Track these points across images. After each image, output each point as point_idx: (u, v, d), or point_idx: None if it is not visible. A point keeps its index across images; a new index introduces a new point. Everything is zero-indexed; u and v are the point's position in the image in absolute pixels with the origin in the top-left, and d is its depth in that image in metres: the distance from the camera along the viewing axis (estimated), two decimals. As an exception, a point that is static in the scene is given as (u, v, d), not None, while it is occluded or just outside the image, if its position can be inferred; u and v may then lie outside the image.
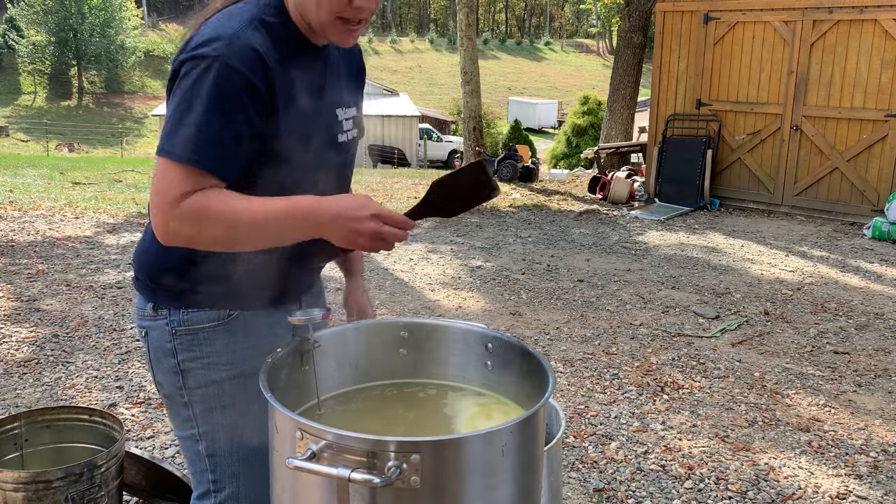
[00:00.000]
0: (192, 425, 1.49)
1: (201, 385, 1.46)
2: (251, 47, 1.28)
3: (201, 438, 1.49)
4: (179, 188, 1.25)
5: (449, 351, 1.55)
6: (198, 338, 1.44)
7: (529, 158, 13.94)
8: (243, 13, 1.34)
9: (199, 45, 1.28)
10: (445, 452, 1.10)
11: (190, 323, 1.44)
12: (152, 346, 1.47)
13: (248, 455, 1.50)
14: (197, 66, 1.26)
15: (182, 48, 1.32)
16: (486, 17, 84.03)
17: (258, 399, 1.43)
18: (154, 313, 1.46)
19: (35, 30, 45.22)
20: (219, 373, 1.45)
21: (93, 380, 3.69)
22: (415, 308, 4.99)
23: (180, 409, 1.49)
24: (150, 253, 1.47)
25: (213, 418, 1.47)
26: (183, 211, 1.25)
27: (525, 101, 45.00)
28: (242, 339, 1.46)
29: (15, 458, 2.29)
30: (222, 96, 1.25)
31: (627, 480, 2.91)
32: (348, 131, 1.54)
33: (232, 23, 1.31)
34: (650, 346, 4.37)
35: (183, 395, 1.47)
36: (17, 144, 34.90)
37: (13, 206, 8.07)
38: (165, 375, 1.48)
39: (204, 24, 1.36)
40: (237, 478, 1.51)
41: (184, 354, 1.45)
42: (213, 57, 1.25)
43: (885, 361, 4.21)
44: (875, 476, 2.98)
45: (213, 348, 1.45)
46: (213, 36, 1.28)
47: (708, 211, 8.96)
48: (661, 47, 9.38)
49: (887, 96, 7.89)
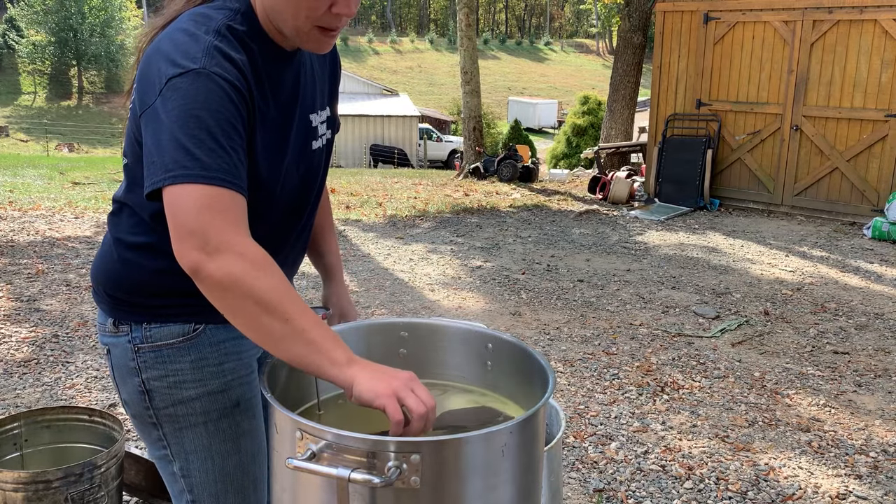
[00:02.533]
0: (163, 445, 1.41)
1: (168, 405, 1.37)
2: (229, 55, 1.19)
3: (174, 458, 1.41)
4: (219, 216, 1.11)
5: (449, 351, 1.55)
6: (161, 355, 1.35)
7: (529, 158, 13.92)
8: (208, 22, 1.23)
9: (176, 64, 1.15)
10: (445, 452, 1.10)
11: (153, 340, 1.35)
12: (116, 364, 1.39)
13: (225, 474, 1.43)
14: (181, 83, 1.14)
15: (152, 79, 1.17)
16: (486, 17, 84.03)
17: (231, 415, 1.40)
18: (115, 329, 1.37)
19: (35, 30, 45.22)
20: (186, 391, 1.36)
21: (93, 380, 3.69)
22: (415, 308, 4.99)
23: (150, 429, 1.41)
24: (109, 264, 1.38)
25: (184, 438, 1.39)
26: (237, 246, 1.12)
27: (525, 101, 45.01)
28: (209, 355, 1.37)
29: (15, 458, 2.29)
30: (217, 106, 1.15)
31: (627, 480, 2.91)
32: (322, 135, 1.47)
33: (199, 33, 1.20)
34: (650, 346, 4.37)
35: (151, 416, 1.39)
36: (17, 144, 34.90)
37: (13, 206, 8.07)
38: (131, 395, 1.39)
39: (161, 39, 1.22)
40: (216, 497, 1.43)
41: (148, 373, 1.36)
42: (197, 70, 1.14)
43: (885, 361, 4.21)
44: (875, 476, 2.98)
45: (178, 366, 1.36)
46: (186, 51, 1.17)
47: (708, 211, 8.96)
48: (661, 47, 9.38)
49: (887, 96, 7.89)
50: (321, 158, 1.48)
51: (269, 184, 1.32)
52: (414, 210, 8.83)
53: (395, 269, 5.99)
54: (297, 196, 1.43)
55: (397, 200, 9.69)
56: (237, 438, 1.42)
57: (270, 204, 1.35)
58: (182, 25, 1.22)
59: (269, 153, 1.30)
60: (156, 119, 1.15)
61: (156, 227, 1.30)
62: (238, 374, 1.41)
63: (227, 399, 1.39)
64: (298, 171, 1.40)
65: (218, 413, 1.39)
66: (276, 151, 1.32)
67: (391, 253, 6.52)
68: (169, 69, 1.15)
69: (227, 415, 1.40)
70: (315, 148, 1.45)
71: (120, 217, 1.38)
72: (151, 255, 1.33)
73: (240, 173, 1.16)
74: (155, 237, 1.32)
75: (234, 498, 1.44)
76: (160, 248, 1.30)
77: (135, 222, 1.34)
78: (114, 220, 1.40)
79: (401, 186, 11.65)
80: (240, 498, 1.45)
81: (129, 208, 1.34)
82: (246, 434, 1.43)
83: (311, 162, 1.44)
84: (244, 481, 1.45)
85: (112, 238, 1.39)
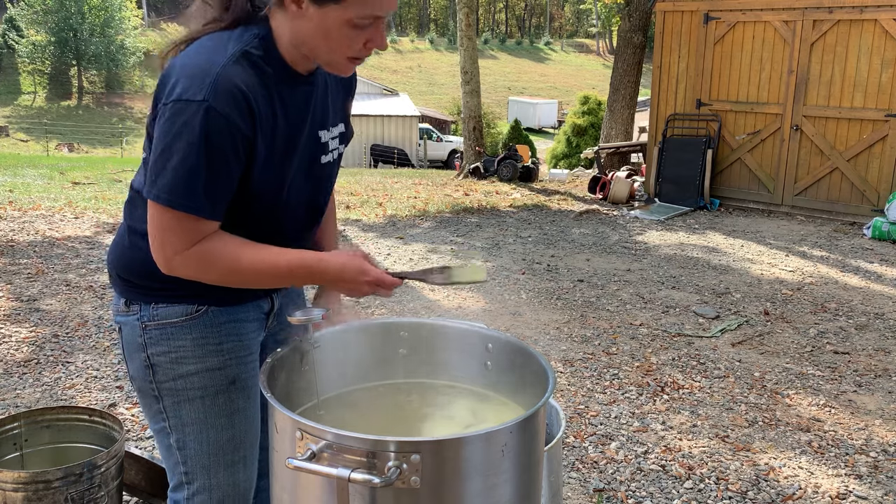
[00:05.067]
0: (162, 418, 1.53)
1: (169, 378, 1.49)
2: (237, 87, 1.28)
3: (171, 431, 1.53)
4: (178, 236, 1.31)
5: (449, 351, 1.55)
6: (166, 332, 1.47)
7: (529, 158, 13.92)
8: (228, 46, 1.32)
9: (186, 88, 1.27)
10: (445, 452, 1.10)
11: (159, 318, 1.47)
12: (125, 340, 1.52)
13: (217, 447, 1.53)
14: (185, 110, 1.26)
15: (166, 88, 1.30)
16: (486, 17, 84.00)
17: (227, 392, 1.52)
18: (127, 308, 1.50)
19: (35, 30, 45.20)
20: (186, 366, 1.48)
21: (93, 380, 3.69)
22: (415, 308, 4.99)
23: (151, 402, 1.53)
24: (122, 249, 1.51)
25: (181, 411, 1.51)
26: (186, 257, 1.33)
27: (525, 101, 44.99)
28: (210, 334, 1.49)
29: (15, 458, 2.29)
30: (212, 142, 1.27)
31: (627, 480, 2.91)
32: (333, 150, 1.56)
33: (216, 58, 1.30)
34: (650, 346, 4.37)
35: (153, 389, 1.51)
36: (17, 144, 34.90)
37: (13, 206, 8.07)
38: (137, 370, 1.51)
39: (184, 55, 1.34)
40: (207, 469, 1.54)
41: (153, 349, 1.48)
42: (200, 102, 1.25)
43: (885, 361, 4.21)
44: (875, 476, 2.98)
45: (181, 342, 1.48)
46: (198, 76, 1.27)
47: (708, 211, 8.96)
48: (661, 47, 9.38)
49: (887, 96, 7.89)
50: (331, 171, 1.60)
51: (269, 195, 1.43)
52: (414, 210, 8.83)
53: (395, 269, 5.98)
54: (305, 205, 1.54)
55: (397, 200, 9.69)
56: (231, 414, 1.53)
57: (274, 211, 1.46)
58: (201, 49, 1.33)
59: (272, 168, 1.41)
60: (159, 131, 1.30)
61: None
62: (236, 353, 1.52)
63: (224, 376, 1.50)
64: (307, 183, 1.51)
65: (215, 389, 1.50)
66: (279, 166, 1.42)
67: (391, 253, 6.52)
68: (178, 90, 1.28)
69: (223, 391, 1.51)
70: (325, 162, 1.55)
71: (134, 205, 1.48)
72: None
73: (211, 198, 1.31)
74: None
75: (224, 472, 1.55)
76: None
77: (146, 213, 1.41)
78: (128, 208, 1.51)
79: (401, 186, 11.65)
80: (230, 472, 1.56)
81: (141, 199, 1.43)
82: (240, 411, 1.54)
83: (320, 175, 1.55)
84: (234, 457, 1.55)
85: (125, 225, 1.51)
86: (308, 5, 1.30)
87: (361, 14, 1.30)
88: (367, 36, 1.34)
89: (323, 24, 1.30)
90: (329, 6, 1.29)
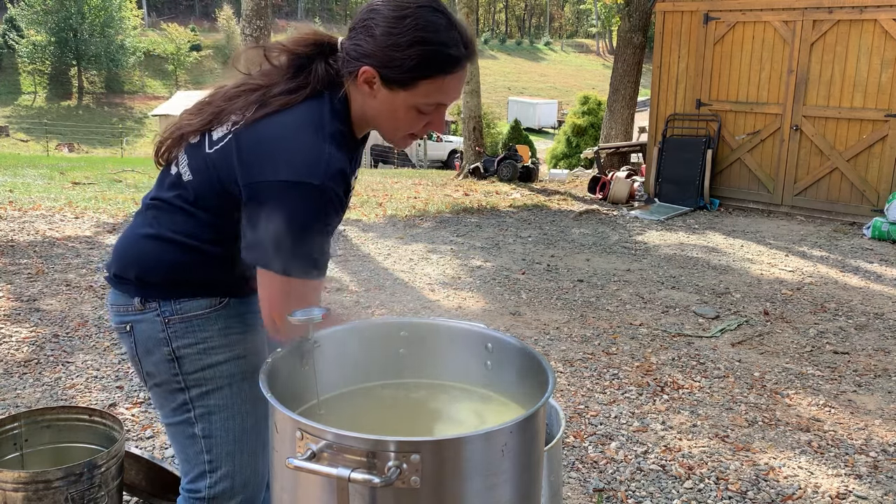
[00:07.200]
0: (187, 409, 1.57)
1: (198, 369, 1.54)
2: (341, 170, 1.39)
3: (197, 421, 1.57)
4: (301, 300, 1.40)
5: (449, 351, 1.55)
6: (192, 324, 1.53)
7: (529, 158, 13.92)
8: (322, 125, 1.41)
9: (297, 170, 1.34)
10: (445, 452, 1.11)
11: (183, 312, 1.52)
12: (140, 338, 1.54)
13: (242, 433, 1.60)
14: (301, 191, 1.34)
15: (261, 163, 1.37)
16: (486, 17, 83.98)
17: (251, 379, 1.55)
18: (142, 307, 1.53)
19: (35, 30, 45.22)
20: (214, 356, 1.54)
21: (93, 380, 3.69)
22: (415, 308, 4.99)
23: (175, 395, 1.56)
24: (142, 254, 1.54)
25: (209, 400, 1.56)
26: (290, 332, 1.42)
27: (525, 101, 44.99)
28: (234, 324, 1.56)
29: (15, 458, 2.29)
30: (328, 215, 1.39)
31: (627, 480, 2.91)
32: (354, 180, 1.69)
33: (318, 140, 1.38)
34: (650, 346, 4.37)
35: (179, 381, 1.55)
36: (17, 144, 34.92)
37: (13, 206, 8.07)
38: (158, 365, 1.55)
39: (279, 130, 1.40)
40: (232, 456, 1.60)
41: (178, 342, 1.52)
42: (318, 186, 1.34)
43: (885, 361, 4.21)
44: (875, 476, 2.98)
45: (207, 333, 1.53)
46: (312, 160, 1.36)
47: (708, 211, 8.96)
48: (661, 47, 9.38)
49: (887, 96, 7.89)
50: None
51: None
52: (414, 210, 8.83)
53: (395, 269, 5.99)
54: None
55: (397, 200, 9.69)
56: (255, 401, 1.58)
57: None
58: (297, 128, 1.40)
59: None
60: (269, 206, 1.35)
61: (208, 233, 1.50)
62: (255, 344, 1.60)
63: (248, 364, 1.58)
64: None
65: (241, 376, 1.57)
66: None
67: (391, 253, 6.52)
68: (291, 172, 1.35)
69: (249, 378, 1.57)
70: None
71: (173, 216, 1.52)
72: (198, 252, 1.51)
73: (322, 261, 1.42)
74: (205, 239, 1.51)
75: (247, 457, 1.62)
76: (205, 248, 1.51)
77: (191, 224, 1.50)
78: (153, 217, 1.55)
79: (401, 186, 11.64)
80: (252, 458, 1.63)
81: (183, 212, 1.50)
82: (262, 398, 1.60)
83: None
84: (256, 444, 1.63)
85: (150, 233, 1.54)
86: (379, 88, 1.42)
87: (427, 101, 1.43)
88: (430, 119, 1.47)
89: (391, 105, 1.43)
90: (398, 91, 1.41)
